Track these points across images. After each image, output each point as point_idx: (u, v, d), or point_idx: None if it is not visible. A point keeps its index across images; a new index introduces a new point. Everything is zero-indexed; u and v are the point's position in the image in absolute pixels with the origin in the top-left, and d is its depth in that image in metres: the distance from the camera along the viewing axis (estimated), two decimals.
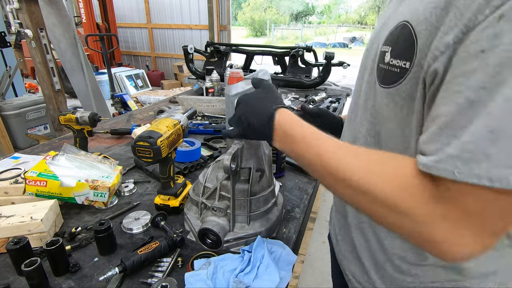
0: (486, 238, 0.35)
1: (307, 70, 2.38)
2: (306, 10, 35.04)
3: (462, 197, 0.34)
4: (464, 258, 0.36)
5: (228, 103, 0.87)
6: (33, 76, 6.01)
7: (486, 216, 0.34)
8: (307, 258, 2.14)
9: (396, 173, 0.41)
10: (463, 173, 0.33)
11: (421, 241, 0.38)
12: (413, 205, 0.38)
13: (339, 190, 0.48)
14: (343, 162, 0.45)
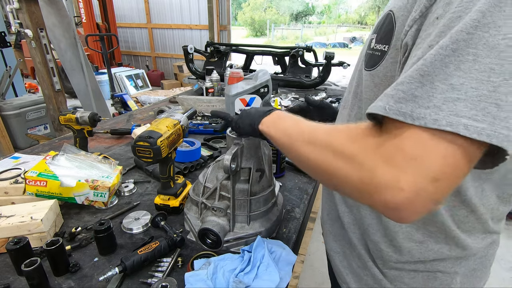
0: (427, 184, 0.33)
1: (307, 70, 2.38)
2: (306, 10, 35.04)
3: (399, 139, 0.35)
4: (406, 205, 0.34)
5: (228, 103, 0.87)
6: (33, 76, 6.01)
7: (423, 159, 0.33)
8: (307, 258, 2.14)
9: (351, 128, 0.43)
10: (392, 109, 0.35)
11: (367, 188, 0.37)
12: (358, 151, 0.38)
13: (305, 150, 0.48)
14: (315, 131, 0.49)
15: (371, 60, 0.53)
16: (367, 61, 0.55)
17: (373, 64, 0.52)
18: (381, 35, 0.51)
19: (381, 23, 0.52)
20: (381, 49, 0.50)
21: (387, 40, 0.48)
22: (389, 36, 0.48)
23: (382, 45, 0.50)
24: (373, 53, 0.52)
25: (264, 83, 1.23)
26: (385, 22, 0.50)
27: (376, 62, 0.51)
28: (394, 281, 0.61)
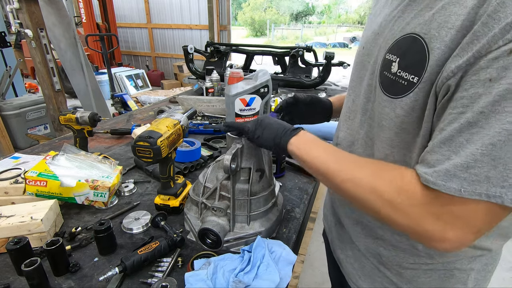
0: (471, 235, 0.41)
1: (307, 70, 2.38)
2: (306, 10, 35.03)
3: (457, 205, 0.40)
4: (450, 249, 0.43)
5: (228, 103, 0.87)
6: (33, 76, 6.01)
7: (476, 221, 0.40)
8: (307, 258, 2.14)
9: (396, 177, 0.46)
10: (467, 191, 0.38)
11: (415, 235, 0.45)
12: (407, 203, 0.44)
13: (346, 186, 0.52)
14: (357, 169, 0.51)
15: (394, 87, 0.49)
16: (387, 85, 0.51)
17: (396, 93, 0.49)
18: (407, 62, 0.47)
19: (404, 46, 0.48)
20: (408, 79, 0.46)
21: (417, 72, 0.45)
22: (419, 68, 0.45)
23: (410, 75, 0.46)
24: (397, 80, 0.49)
25: (264, 83, 1.22)
26: (412, 48, 0.46)
27: (401, 91, 0.48)
28: (410, 281, 0.61)
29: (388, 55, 0.51)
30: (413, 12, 0.49)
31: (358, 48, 0.67)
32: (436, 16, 0.44)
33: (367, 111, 0.59)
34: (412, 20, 0.48)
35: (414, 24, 0.47)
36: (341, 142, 0.69)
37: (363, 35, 0.65)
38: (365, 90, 0.60)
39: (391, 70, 0.50)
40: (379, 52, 0.55)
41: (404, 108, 0.48)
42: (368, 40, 0.60)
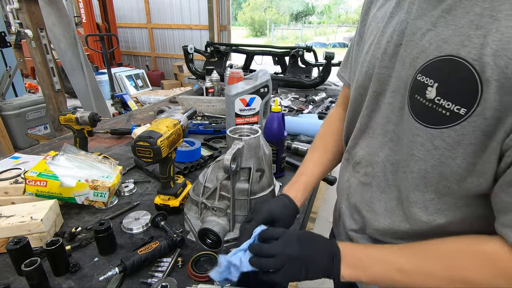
0: None
1: (307, 70, 2.38)
2: (306, 10, 35.03)
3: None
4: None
5: (228, 103, 0.87)
6: (33, 76, 6.01)
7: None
8: None
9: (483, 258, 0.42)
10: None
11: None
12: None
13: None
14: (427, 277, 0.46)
15: (431, 116, 0.44)
16: (419, 112, 0.46)
17: (434, 122, 0.43)
18: (449, 90, 0.41)
19: (444, 70, 0.42)
20: (451, 109, 0.41)
21: (466, 103, 0.39)
22: (469, 99, 0.39)
23: (454, 105, 0.41)
24: (435, 108, 0.43)
25: (264, 83, 1.23)
26: (455, 73, 0.40)
27: (441, 122, 0.43)
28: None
29: (419, 77, 0.45)
30: (450, 27, 0.42)
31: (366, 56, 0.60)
32: (489, 39, 0.37)
33: (387, 133, 0.54)
34: (451, 38, 0.41)
35: (456, 44, 0.40)
36: (361, 161, 0.63)
37: (372, 42, 0.59)
38: (384, 109, 0.55)
39: (426, 96, 0.44)
40: (405, 70, 0.49)
41: (446, 141, 0.43)
42: (385, 51, 0.53)
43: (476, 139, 0.40)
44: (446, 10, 0.43)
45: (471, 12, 0.40)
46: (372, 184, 0.60)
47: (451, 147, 0.42)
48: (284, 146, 1.07)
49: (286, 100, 2.08)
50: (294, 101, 2.08)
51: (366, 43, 0.63)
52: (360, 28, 0.68)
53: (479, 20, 0.38)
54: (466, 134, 0.40)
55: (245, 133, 0.79)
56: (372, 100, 0.58)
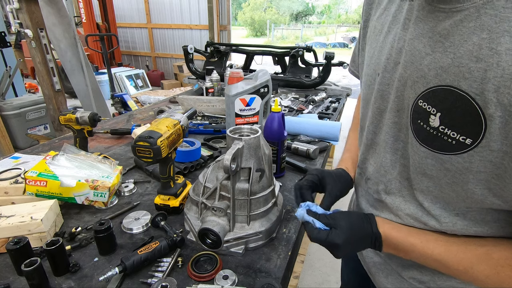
0: None
1: (307, 70, 2.38)
2: (306, 10, 35.04)
3: None
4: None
5: (228, 103, 0.87)
6: (33, 76, 6.01)
7: None
8: (307, 258, 2.14)
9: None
10: None
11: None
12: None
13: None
14: (469, 268, 0.46)
15: (437, 143, 0.44)
16: (425, 138, 0.45)
17: (442, 149, 0.43)
18: (454, 121, 0.41)
19: (446, 102, 0.41)
20: (457, 138, 0.41)
21: (471, 135, 0.39)
22: (474, 130, 0.39)
23: (459, 135, 0.40)
24: (440, 136, 0.43)
25: (264, 83, 1.23)
26: (458, 105, 0.40)
27: (448, 149, 0.42)
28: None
29: (421, 102, 0.45)
30: (448, 55, 0.41)
31: (367, 69, 0.60)
32: (490, 74, 0.36)
33: (397, 150, 0.54)
34: (450, 68, 0.40)
35: (455, 74, 0.40)
36: (371, 177, 0.64)
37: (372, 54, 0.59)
38: (390, 127, 0.54)
39: (430, 123, 0.44)
40: (407, 91, 0.48)
41: (455, 166, 0.42)
42: (385, 68, 0.53)
43: (485, 168, 0.40)
44: (443, 35, 0.42)
45: (469, 41, 0.38)
46: (387, 201, 0.59)
47: (461, 172, 0.42)
48: (284, 146, 1.07)
49: (286, 100, 2.08)
50: (294, 101, 2.08)
51: (367, 54, 0.63)
52: (363, 34, 0.68)
53: (478, 52, 0.37)
54: (474, 162, 0.40)
55: (245, 133, 0.79)
56: (376, 116, 0.58)
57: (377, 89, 0.56)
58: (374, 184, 0.62)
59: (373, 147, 0.62)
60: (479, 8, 0.38)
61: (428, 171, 0.47)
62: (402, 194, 0.56)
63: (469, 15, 0.39)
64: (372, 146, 0.62)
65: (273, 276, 0.68)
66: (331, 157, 3.24)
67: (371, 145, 0.62)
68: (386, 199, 0.59)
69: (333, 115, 1.77)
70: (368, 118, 0.61)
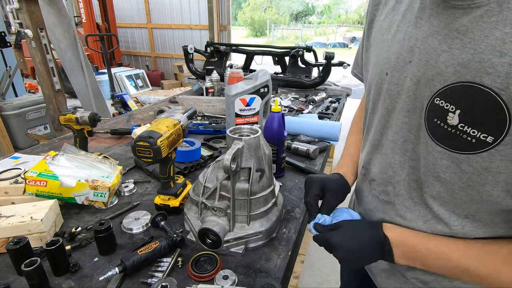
0: None
1: (307, 70, 2.38)
2: (306, 10, 35.04)
3: None
4: None
5: (228, 103, 0.87)
6: (33, 76, 6.01)
7: None
8: (307, 258, 2.14)
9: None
10: None
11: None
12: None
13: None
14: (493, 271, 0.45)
15: (455, 141, 0.43)
16: (441, 137, 0.44)
17: (460, 148, 0.42)
18: (475, 118, 0.40)
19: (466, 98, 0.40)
20: (477, 136, 0.40)
21: (493, 132, 0.38)
22: (497, 128, 0.38)
23: (480, 133, 0.39)
24: (458, 134, 0.42)
25: (264, 83, 1.23)
26: (479, 101, 0.39)
27: (466, 147, 0.41)
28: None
29: (437, 101, 0.44)
30: (468, 51, 0.40)
31: (375, 69, 0.59)
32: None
33: (407, 151, 0.53)
34: (470, 63, 0.40)
35: (477, 70, 0.39)
36: (376, 178, 0.63)
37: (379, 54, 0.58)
38: (399, 128, 0.53)
39: (448, 122, 0.43)
40: (417, 90, 0.48)
41: (473, 166, 0.41)
42: (395, 67, 0.52)
43: (506, 168, 0.39)
44: (461, 31, 0.41)
45: (490, 36, 0.38)
46: (396, 202, 0.58)
47: (479, 172, 0.41)
48: (284, 146, 1.07)
49: (286, 100, 2.08)
50: (294, 101, 2.08)
51: (373, 54, 0.62)
52: (367, 35, 0.66)
53: (502, 46, 0.37)
54: (494, 162, 0.39)
55: (245, 133, 0.79)
56: (384, 116, 0.57)
57: (386, 88, 0.55)
58: (380, 185, 0.62)
59: (379, 148, 0.61)
60: (501, 3, 0.37)
61: (442, 174, 0.46)
62: (411, 196, 0.55)
63: (490, 10, 0.38)
64: (378, 147, 0.62)
65: (273, 276, 0.68)
66: (331, 157, 3.23)
67: (377, 145, 0.61)
68: (395, 200, 0.58)
69: (333, 115, 1.77)
70: (376, 118, 0.61)
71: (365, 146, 0.70)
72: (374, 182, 0.64)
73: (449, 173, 0.45)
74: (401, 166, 0.55)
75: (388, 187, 0.59)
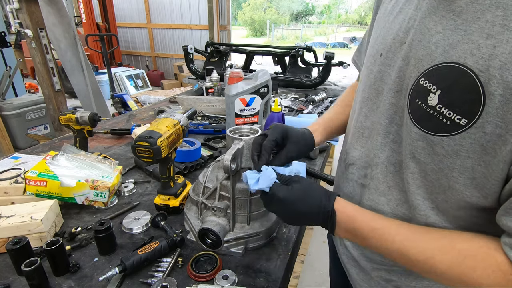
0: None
1: (307, 70, 2.38)
2: (306, 10, 35.04)
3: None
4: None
5: (228, 103, 0.87)
6: (33, 76, 6.01)
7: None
8: (307, 258, 2.14)
9: (489, 266, 0.41)
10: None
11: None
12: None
13: (427, 276, 0.48)
14: (430, 257, 0.45)
15: (431, 123, 0.43)
16: (419, 117, 0.45)
17: (435, 130, 0.43)
18: (452, 99, 0.40)
19: (448, 78, 0.41)
20: (452, 118, 0.40)
21: (467, 114, 0.39)
22: (471, 110, 0.38)
23: (455, 115, 0.40)
24: (435, 116, 0.42)
25: (264, 83, 1.23)
26: (459, 82, 0.39)
27: (441, 130, 0.42)
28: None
29: (422, 81, 0.44)
30: (459, 32, 0.40)
31: (371, 50, 0.59)
32: (498, 50, 0.36)
33: (389, 133, 0.53)
34: (459, 44, 0.40)
35: (463, 51, 0.39)
36: (355, 162, 0.62)
37: (378, 35, 0.57)
38: (386, 109, 0.53)
39: (428, 102, 0.43)
40: (407, 70, 0.48)
41: (445, 149, 0.42)
42: (390, 48, 0.52)
43: (474, 154, 0.40)
44: (456, 12, 0.41)
45: (482, 18, 0.38)
46: (370, 186, 0.58)
47: (449, 155, 0.42)
48: None
49: (286, 100, 2.08)
50: (294, 101, 2.08)
51: (373, 36, 0.61)
52: (373, 18, 0.66)
53: (490, 29, 0.37)
54: (464, 145, 0.40)
55: (245, 133, 0.79)
56: (372, 98, 0.57)
57: (377, 70, 0.55)
58: (360, 169, 0.61)
59: (362, 131, 0.61)
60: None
61: (417, 155, 0.46)
62: (387, 180, 0.54)
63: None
64: (360, 130, 0.61)
65: (273, 276, 0.68)
66: (331, 157, 3.23)
67: (361, 128, 0.61)
68: (370, 184, 0.58)
69: None
70: (363, 101, 0.60)
71: (349, 131, 0.69)
72: (353, 166, 0.63)
73: (424, 154, 0.45)
74: (381, 149, 0.54)
75: (368, 170, 0.59)
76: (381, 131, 0.54)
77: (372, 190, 0.58)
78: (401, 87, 0.50)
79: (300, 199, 0.54)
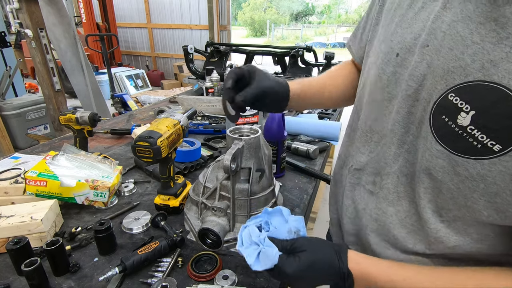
0: None
1: (307, 70, 2.38)
2: (306, 10, 35.05)
3: None
4: None
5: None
6: (33, 76, 6.01)
7: None
8: None
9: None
10: None
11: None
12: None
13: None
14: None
15: (458, 143, 0.39)
16: (444, 135, 0.41)
17: (461, 150, 0.39)
18: (489, 123, 0.36)
19: (487, 100, 0.36)
20: (485, 142, 0.37)
21: (504, 141, 0.35)
22: (507, 138, 0.35)
23: (489, 139, 0.36)
24: (465, 137, 0.38)
25: None
26: (500, 106, 0.35)
27: (469, 151, 0.38)
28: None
29: (452, 96, 0.39)
30: (503, 48, 0.35)
31: (383, 46, 0.52)
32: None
33: (404, 143, 0.49)
34: (502, 63, 0.35)
35: (508, 71, 0.34)
36: (363, 168, 0.58)
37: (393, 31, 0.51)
38: (402, 117, 0.48)
39: (457, 121, 0.39)
40: (434, 81, 0.42)
41: (469, 171, 0.39)
42: (409, 49, 0.47)
43: (502, 181, 0.36)
44: (500, 23, 0.35)
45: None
46: (379, 195, 0.55)
47: (473, 179, 0.39)
48: (284, 146, 1.07)
49: None
50: None
51: (383, 28, 0.55)
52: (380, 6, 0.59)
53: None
54: (493, 171, 0.37)
55: (245, 133, 0.79)
56: (384, 102, 0.52)
57: (391, 71, 0.50)
58: (368, 175, 0.58)
59: (371, 136, 0.57)
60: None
61: (434, 172, 0.43)
62: (397, 190, 0.52)
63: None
64: (369, 134, 0.57)
65: None
66: (331, 157, 3.23)
67: (369, 132, 0.57)
68: (379, 193, 0.55)
69: (333, 115, 1.77)
70: (372, 103, 0.55)
71: (352, 131, 0.65)
72: (361, 171, 0.60)
73: (442, 173, 0.42)
74: (395, 159, 0.51)
75: (376, 178, 0.56)
76: (395, 140, 0.50)
77: (380, 199, 0.55)
78: (419, 96, 0.45)
79: (311, 268, 0.47)
